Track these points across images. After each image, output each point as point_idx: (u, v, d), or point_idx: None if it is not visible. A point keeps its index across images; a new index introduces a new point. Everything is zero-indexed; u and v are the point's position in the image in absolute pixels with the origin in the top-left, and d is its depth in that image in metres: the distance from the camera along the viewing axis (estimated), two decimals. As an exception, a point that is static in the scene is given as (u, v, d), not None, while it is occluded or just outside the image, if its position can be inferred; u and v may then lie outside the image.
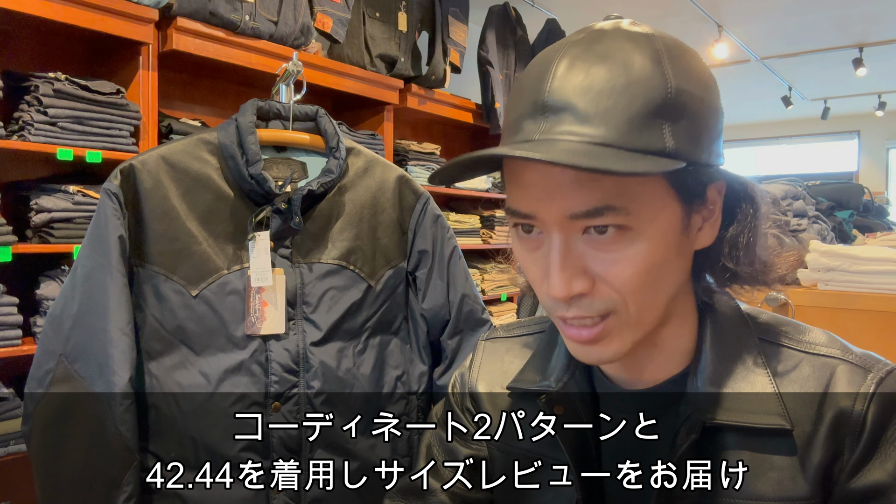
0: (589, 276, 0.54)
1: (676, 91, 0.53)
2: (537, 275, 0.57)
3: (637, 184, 0.53)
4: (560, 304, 0.55)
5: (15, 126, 1.77)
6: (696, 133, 0.54)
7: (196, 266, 1.02)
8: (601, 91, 0.52)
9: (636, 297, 0.55)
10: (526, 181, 0.55)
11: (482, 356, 0.78)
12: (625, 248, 0.53)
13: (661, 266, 0.55)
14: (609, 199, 0.52)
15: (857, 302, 1.63)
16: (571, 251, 0.54)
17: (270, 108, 1.11)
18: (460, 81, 3.46)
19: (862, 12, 4.34)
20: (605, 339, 0.56)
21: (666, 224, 0.54)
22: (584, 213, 0.52)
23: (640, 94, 0.52)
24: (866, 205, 2.92)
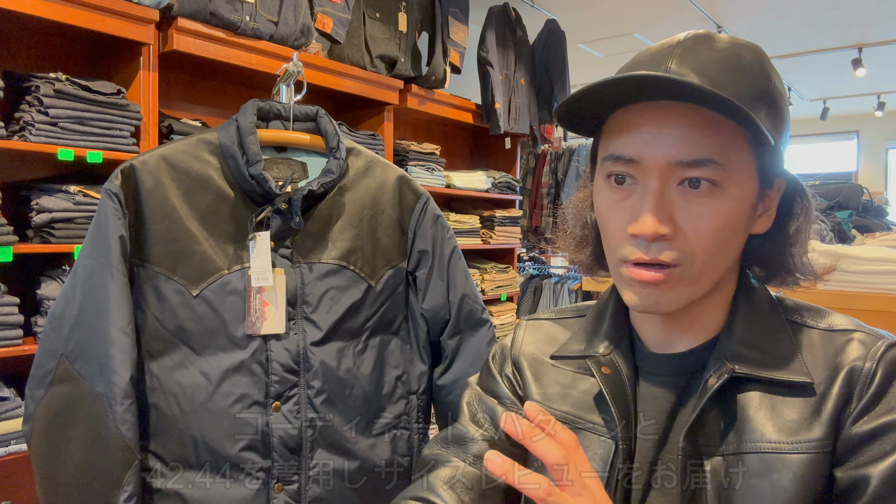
0: (674, 224, 0.60)
1: (773, 87, 0.62)
2: (622, 221, 0.63)
3: (734, 147, 0.60)
4: (640, 245, 0.61)
5: (16, 126, 1.77)
6: (780, 126, 0.63)
7: (197, 266, 1.02)
8: (718, 69, 0.60)
9: (705, 254, 0.61)
10: (639, 127, 0.61)
11: (525, 331, 0.83)
12: (712, 202, 0.60)
13: (733, 230, 0.62)
14: (712, 153, 0.59)
15: (857, 302, 1.63)
16: (664, 198, 0.60)
17: (271, 109, 1.12)
18: (460, 82, 3.46)
19: (861, 12, 4.34)
20: (666, 286, 0.62)
21: (746, 192, 0.61)
22: (689, 162, 0.59)
23: (748, 79, 0.61)
24: (865, 205, 2.92)
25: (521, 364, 0.79)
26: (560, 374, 0.75)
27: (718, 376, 0.62)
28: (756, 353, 0.64)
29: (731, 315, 0.67)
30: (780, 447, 0.60)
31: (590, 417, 0.70)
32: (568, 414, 0.72)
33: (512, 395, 0.78)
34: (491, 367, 0.82)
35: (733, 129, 0.60)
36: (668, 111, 0.60)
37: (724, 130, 0.59)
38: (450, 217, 3.19)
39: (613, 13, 4.33)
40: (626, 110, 0.62)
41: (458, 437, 0.76)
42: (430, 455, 0.75)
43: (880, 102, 6.42)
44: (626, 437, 0.66)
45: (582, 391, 0.72)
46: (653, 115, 0.60)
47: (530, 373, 0.78)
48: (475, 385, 0.82)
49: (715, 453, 0.62)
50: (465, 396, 0.81)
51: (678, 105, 0.59)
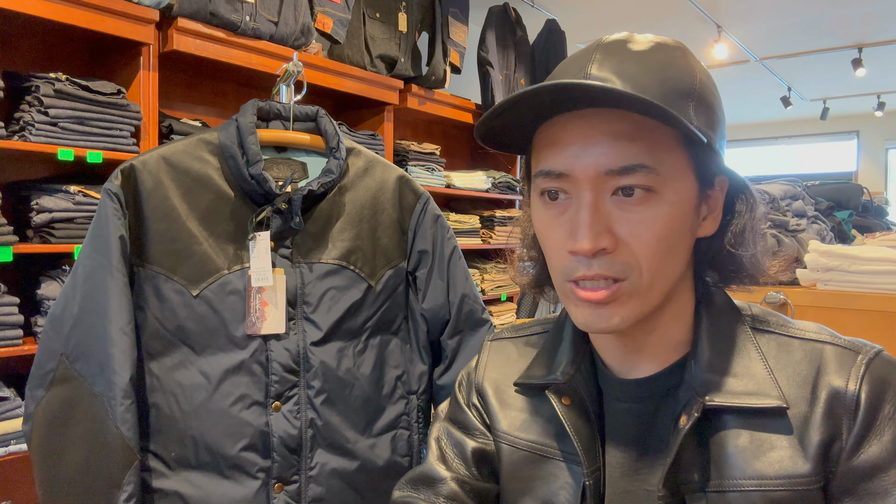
0: (613, 235, 0.58)
1: (701, 83, 0.60)
2: (560, 238, 0.60)
3: (665, 150, 0.58)
4: (581, 262, 0.58)
5: (16, 126, 1.77)
6: (713, 123, 0.61)
7: (196, 266, 1.02)
8: (640, 69, 0.58)
9: (651, 263, 0.58)
10: (565, 139, 0.59)
11: (488, 355, 0.81)
12: (649, 209, 0.57)
13: (677, 235, 0.59)
14: (643, 159, 0.56)
15: (857, 302, 1.63)
16: (600, 210, 0.58)
17: (271, 109, 1.12)
18: (460, 82, 3.46)
19: (861, 12, 4.34)
20: (615, 303, 0.59)
21: (685, 194, 0.59)
22: (619, 170, 0.56)
23: (672, 77, 0.59)
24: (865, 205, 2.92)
25: (486, 392, 0.77)
26: (524, 400, 0.73)
27: (689, 415, 0.59)
28: (726, 379, 0.61)
29: (696, 334, 0.64)
30: (763, 484, 0.57)
31: (557, 445, 0.68)
32: (534, 443, 0.70)
33: (481, 425, 0.76)
34: (458, 396, 0.80)
35: (663, 131, 0.57)
36: (593, 120, 0.57)
37: (653, 134, 0.57)
38: (450, 217, 3.19)
39: (613, 13, 4.33)
40: (551, 123, 0.60)
41: (427, 479, 0.74)
42: (400, 498, 0.74)
43: (880, 102, 6.42)
44: (594, 471, 0.64)
45: (547, 418, 0.70)
46: (577, 126, 0.58)
47: (495, 401, 0.76)
48: (444, 417, 0.81)
49: (695, 490, 0.59)
50: (434, 431, 0.80)
51: (603, 112, 0.57)
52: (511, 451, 0.72)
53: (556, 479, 0.67)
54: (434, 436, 0.79)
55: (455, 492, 0.72)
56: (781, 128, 7.88)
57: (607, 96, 0.54)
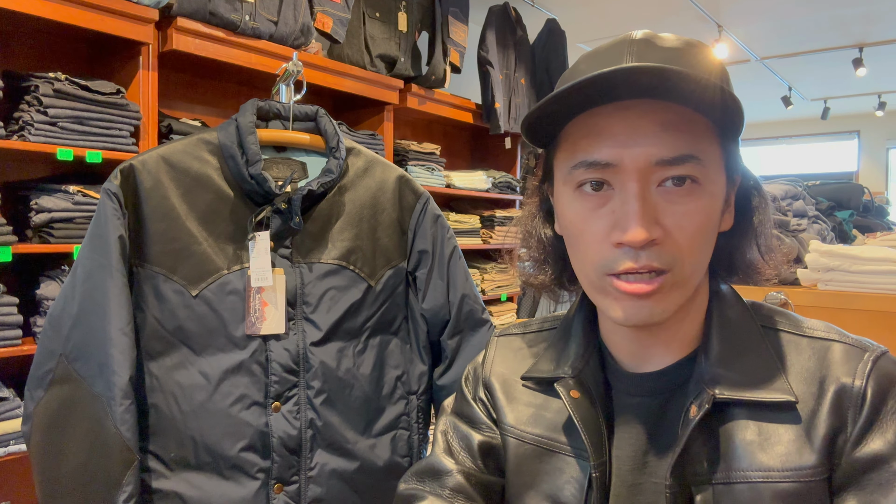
0: (662, 226, 0.58)
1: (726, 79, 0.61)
2: (601, 230, 0.59)
3: (707, 142, 0.58)
4: (628, 254, 0.58)
5: (15, 126, 1.77)
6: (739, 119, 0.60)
7: (196, 266, 1.02)
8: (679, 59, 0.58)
9: (693, 255, 0.59)
10: (611, 129, 0.58)
11: (495, 350, 0.81)
12: (694, 201, 0.58)
13: (713, 227, 0.60)
14: (692, 149, 0.57)
15: (857, 302, 1.63)
16: (648, 201, 0.57)
17: (270, 108, 1.11)
18: (460, 81, 3.46)
19: (862, 12, 4.34)
20: (659, 295, 0.59)
21: (720, 187, 0.60)
22: (670, 160, 0.56)
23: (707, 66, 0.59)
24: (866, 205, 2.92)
25: (493, 386, 0.77)
26: (531, 394, 0.73)
27: (699, 405, 0.59)
28: (735, 374, 0.61)
29: (706, 328, 0.65)
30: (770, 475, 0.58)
31: (564, 440, 0.69)
32: (541, 437, 0.70)
33: (487, 419, 0.77)
34: (465, 390, 0.81)
35: (704, 123, 0.58)
36: (640, 110, 0.57)
37: (697, 125, 0.58)
38: (450, 217, 3.19)
39: (613, 13, 4.33)
40: (591, 114, 0.59)
41: (434, 471, 0.74)
42: (405, 490, 0.74)
43: (881, 102, 6.42)
44: (601, 464, 0.64)
45: (555, 412, 0.70)
46: (624, 116, 0.57)
47: (502, 395, 0.76)
48: (449, 410, 0.81)
49: (703, 482, 0.60)
50: (440, 424, 0.80)
51: (649, 102, 0.57)
52: (517, 445, 0.72)
53: (562, 473, 0.67)
54: (440, 429, 0.79)
55: (461, 484, 0.72)
56: (782, 128, 7.87)
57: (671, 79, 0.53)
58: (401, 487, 0.75)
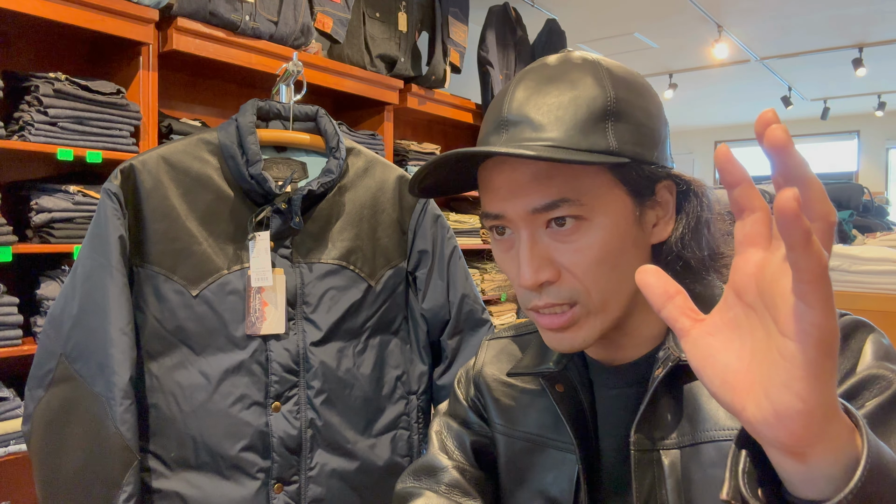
0: (555, 265, 0.61)
1: (616, 99, 0.62)
2: (512, 271, 0.64)
3: (588, 178, 0.60)
4: (532, 294, 0.62)
5: (15, 126, 1.77)
6: (639, 136, 0.62)
7: (196, 266, 1.02)
8: (552, 105, 0.61)
9: (597, 285, 0.61)
10: (494, 184, 0.63)
11: (486, 353, 0.83)
12: (582, 236, 0.60)
13: (618, 254, 0.61)
14: (564, 193, 0.59)
15: (857, 302, 1.63)
16: (538, 244, 0.61)
17: (270, 109, 1.12)
18: (460, 81, 3.46)
19: (862, 12, 4.34)
20: (574, 327, 0.62)
21: (618, 214, 0.61)
22: (543, 207, 0.60)
23: (584, 104, 0.61)
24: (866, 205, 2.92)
25: (483, 387, 0.79)
26: (520, 393, 0.76)
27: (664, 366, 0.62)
28: None
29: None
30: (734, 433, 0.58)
31: (552, 435, 0.71)
32: (530, 433, 0.73)
33: (479, 419, 0.79)
34: (458, 392, 0.83)
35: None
36: (515, 163, 0.61)
37: (571, 167, 0.60)
38: (450, 217, 3.19)
39: (613, 13, 4.33)
40: (484, 167, 0.64)
41: (429, 469, 0.76)
42: (403, 490, 0.76)
43: (881, 102, 6.42)
44: (587, 456, 0.66)
45: (542, 409, 0.72)
46: (502, 171, 0.62)
47: (492, 395, 0.78)
48: (444, 413, 0.83)
49: (671, 446, 0.62)
50: (434, 426, 0.82)
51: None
52: (508, 442, 0.75)
53: (552, 467, 0.70)
54: (434, 430, 0.81)
55: (457, 479, 0.74)
56: (782, 128, 7.86)
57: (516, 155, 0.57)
58: (398, 487, 0.77)
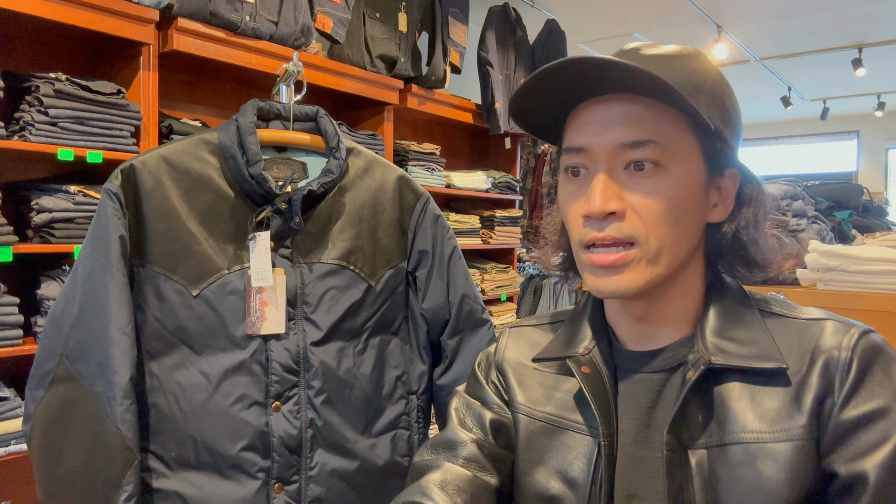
0: (624, 202, 0.64)
1: (713, 83, 0.67)
2: (577, 207, 0.67)
3: (674, 131, 0.65)
4: (593, 226, 0.65)
5: (16, 126, 1.77)
6: (725, 118, 0.67)
7: (196, 266, 1.02)
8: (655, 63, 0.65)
9: (658, 232, 0.64)
10: (586, 119, 0.67)
11: (507, 339, 0.85)
12: (657, 182, 0.64)
13: (682, 211, 0.65)
14: (652, 134, 0.64)
15: (857, 302, 1.63)
16: (613, 179, 0.65)
17: (271, 109, 1.12)
18: (460, 81, 3.46)
19: (861, 12, 4.34)
20: (625, 268, 0.65)
21: (691, 174, 0.66)
22: (630, 143, 0.64)
23: (686, 72, 0.66)
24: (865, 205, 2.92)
25: (505, 369, 0.81)
26: (542, 376, 0.78)
27: (696, 369, 0.64)
28: (731, 344, 0.66)
29: (705, 309, 0.70)
30: (762, 436, 0.62)
31: (573, 417, 0.72)
32: (551, 415, 0.74)
33: (499, 399, 0.80)
34: (477, 374, 0.84)
35: (674, 114, 0.64)
36: (611, 102, 0.65)
37: (664, 115, 0.64)
38: (450, 217, 3.19)
39: (613, 13, 4.33)
40: (577, 109, 0.68)
41: (448, 443, 0.77)
42: (420, 462, 0.77)
43: (880, 102, 6.43)
44: (608, 435, 0.68)
45: (564, 391, 0.75)
46: (597, 107, 0.66)
47: (514, 377, 0.80)
48: (463, 393, 0.84)
49: (699, 446, 0.64)
50: (453, 403, 0.83)
51: (621, 96, 0.65)
52: (528, 422, 0.76)
53: (570, 448, 0.71)
54: (453, 407, 0.82)
55: (474, 453, 0.75)
56: (781, 128, 7.88)
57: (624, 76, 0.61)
58: (416, 459, 0.78)
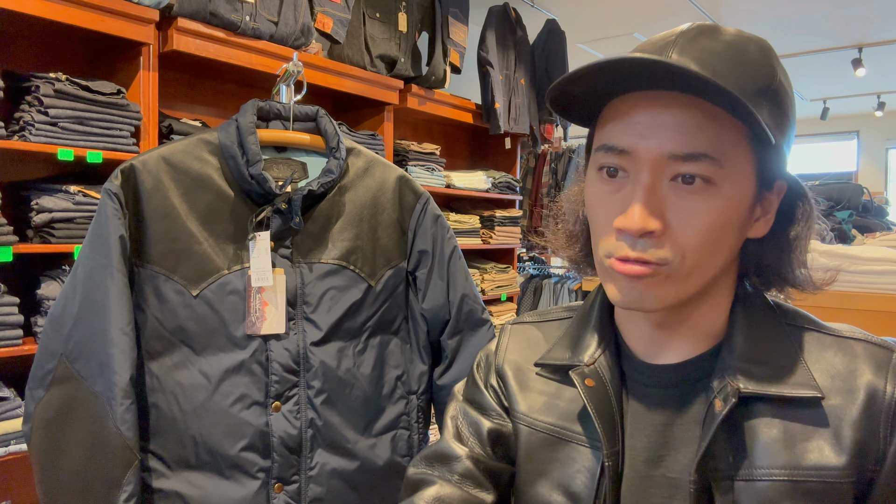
0: (664, 219, 0.57)
1: (779, 84, 0.60)
2: (609, 214, 0.60)
3: (731, 144, 0.57)
4: (626, 240, 0.58)
5: (16, 126, 1.77)
6: (784, 126, 0.60)
7: (196, 266, 1.02)
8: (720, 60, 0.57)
9: (696, 253, 0.58)
10: (633, 116, 0.58)
11: (509, 338, 0.80)
12: (706, 200, 0.57)
13: (726, 231, 0.58)
14: (708, 148, 0.56)
15: (857, 302, 1.63)
16: (655, 193, 0.57)
17: (271, 109, 1.12)
18: (460, 81, 3.46)
19: (861, 12, 4.34)
20: (650, 280, 0.58)
21: (743, 192, 0.58)
22: (683, 155, 0.56)
23: (751, 73, 0.58)
24: (865, 205, 2.92)
25: (505, 374, 0.76)
26: (545, 382, 0.73)
27: (724, 399, 0.58)
28: (760, 368, 0.60)
29: (731, 325, 0.64)
30: (795, 474, 0.57)
31: (576, 429, 0.68)
32: (553, 426, 0.70)
33: (498, 406, 0.76)
34: (476, 377, 0.80)
35: (732, 123, 0.57)
36: (665, 101, 0.57)
37: (722, 125, 0.56)
38: (450, 217, 3.19)
39: (613, 13, 4.33)
40: (622, 99, 0.60)
41: (443, 456, 0.73)
42: (414, 475, 0.74)
43: (880, 102, 6.42)
44: (613, 453, 0.63)
45: (568, 400, 0.70)
46: (648, 105, 0.57)
47: (515, 383, 0.75)
48: (460, 396, 0.80)
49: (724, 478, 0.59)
50: (450, 410, 0.79)
51: (676, 95, 0.57)
52: (529, 433, 0.71)
53: (574, 462, 0.67)
54: (450, 414, 0.78)
55: (470, 469, 0.71)
56: (781, 128, 7.86)
57: (684, 78, 0.53)
58: (410, 472, 0.75)
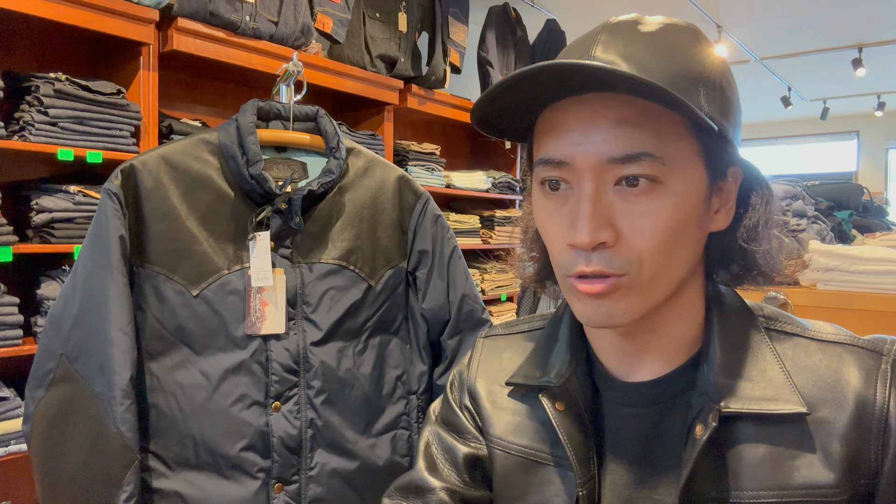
0: (615, 228, 0.54)
1: (713, 68, 0.56)
2: (560, 230, 0.57)
3: (672, 138, 0.54)
4: (580, 256, 0.55)
5: (16, 126, 1.77)
6: (727, 111, 0.57)
7: (196, 266, 1.02)
8: (647, 52, 0.54)
9: (654, 258, 0.54)
10: (566, 125, 0.55)
11: (480, 353, 0.77)
12: (653, 201, 0.54)
13: (683, 229, 0.55)
14: (647, 146, 0.53)
15: (857, 302, 1.63)
16: (601, 201, 0.54)
17: (271, 109, 1.12)
18: (460, 81, 3.46)
19: (861, 12, 4.34)
20: (616, 295, 0.55)
21: (693, 185, 0.55)
22: (622, 158, 0.53)
23: (681, 60, 0.55)
24: (865, 205, 2.92)
25: (478, 394, 0.73)
26: (517, 403, 0.70)
27: (705, 423, 0.55)
28: (741, 383, 0.57)
29: (706, 335, 0.60)
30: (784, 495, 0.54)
31: (551, 451, 0.65)
32: (527, 448, 0.67)
33: (473, 429, 0.73)
34: (450, 398, 0.77)
35: (670, 117, 0.53)
36: (596, 105, 0.53)
37: (659, 120, 0.53)
38: (450, 217, 3.19)
39: (613, 13, 4.31)
40: (553, 109, 0.56)
41: (416, 489, 0.71)
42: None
43: (880, 102, 6.42)
44: (588, 480, 0.61)
45: (540, 421, 0.67)
46: (579, 111, 0.54)
47: (487, 403, 0.72)
48: (434, 418, 0.78)
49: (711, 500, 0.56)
50: (424, 436, 0.76)
51: (607, 97, 0.53)
52: (503, 457, 0.69)
53: (550, 485, 0.64)
54: (424, 441, 0.75)
55: (444, 502, 0.69)
56: (781, 128, 7.87)
57: (609, 79, 0.50)
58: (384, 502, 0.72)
